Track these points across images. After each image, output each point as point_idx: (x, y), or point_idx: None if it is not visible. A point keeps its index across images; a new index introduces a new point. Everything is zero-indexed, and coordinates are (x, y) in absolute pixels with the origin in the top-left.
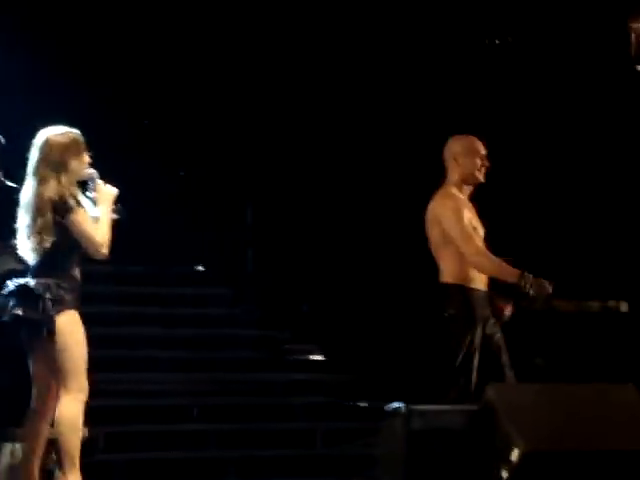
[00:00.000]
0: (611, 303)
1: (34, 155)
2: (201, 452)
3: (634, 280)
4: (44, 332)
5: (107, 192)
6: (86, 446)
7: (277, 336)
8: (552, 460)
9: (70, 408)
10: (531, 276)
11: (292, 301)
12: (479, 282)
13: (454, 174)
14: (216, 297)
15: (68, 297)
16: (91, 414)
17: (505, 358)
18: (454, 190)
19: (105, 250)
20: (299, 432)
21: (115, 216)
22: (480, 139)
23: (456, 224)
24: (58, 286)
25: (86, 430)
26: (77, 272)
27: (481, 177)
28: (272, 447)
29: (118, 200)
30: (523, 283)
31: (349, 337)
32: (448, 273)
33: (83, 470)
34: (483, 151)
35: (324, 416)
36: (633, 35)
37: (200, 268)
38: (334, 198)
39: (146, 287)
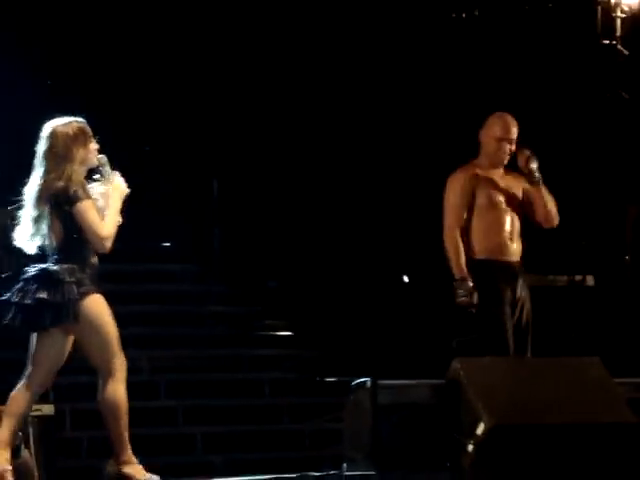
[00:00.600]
0: (578, 277)
1: (40, 146)
2: (169, 429)
3: (600, 255)
4: (70, 316)
5: (120, 188)
6: (53, 423)
7: (245, 312)
8: (518, 433)
9: (116, 390)
10: (469, 286)
11: (259, 277)
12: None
13: (480, 152)
14: (183, 273)
15: (89, 281)
16: (58, 391)
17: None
18: (469, 167)
19: (108, 244)
20: (266, 407)
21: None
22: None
23: (446, 198)
24: (79, 271)
25: (52, 407)
26: (95, 259)
27: (503, 158)
28: (240, 422)
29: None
30: (456, 287)
31: (317, 313)
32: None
33: (50, 447)
34: (507, 134)
35: (291, 391)
36: (599, 9)
37: (167, 244)
38: (301, 173)
39: (112, 264)
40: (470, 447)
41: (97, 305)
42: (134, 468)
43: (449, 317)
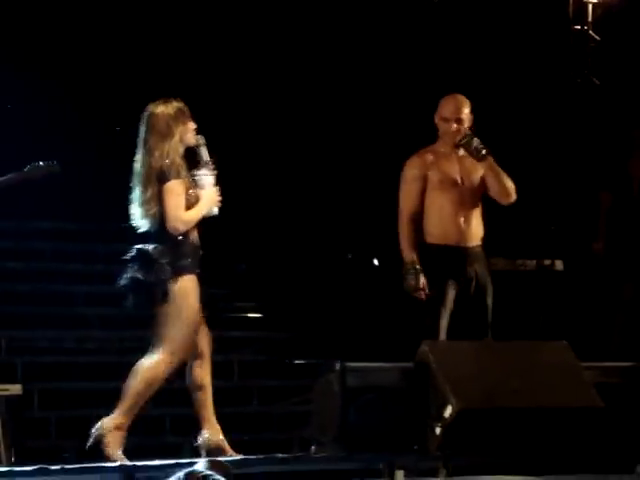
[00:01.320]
0: (547, 262)
1: (141, 127)
2: None
3: (569, 240)
4: (159, 296)
5: (212, 198)
6: (20, 402)
7: (214, 293)
8: (485, 417)
9: (155, 366)
10: (417, 269)
11: (228, 260)
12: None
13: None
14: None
15: (185, 262)
16: (26, 371)
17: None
18: (424, 152)
19: (181, 228)
20: (235, 389)
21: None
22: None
23: (401, 183)
24: (174, 251)
25: (20, 387)
26: (195, 237)
27: (454, 138)
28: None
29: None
30: (404, 272)
31: (286, 295)
32: None
33: (18, 426)
34: (456, 113)
35: (260, 373)
36: None
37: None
38: (269, 155)
39: (83, 244)
40: (437, 430)
41: (187, 288)
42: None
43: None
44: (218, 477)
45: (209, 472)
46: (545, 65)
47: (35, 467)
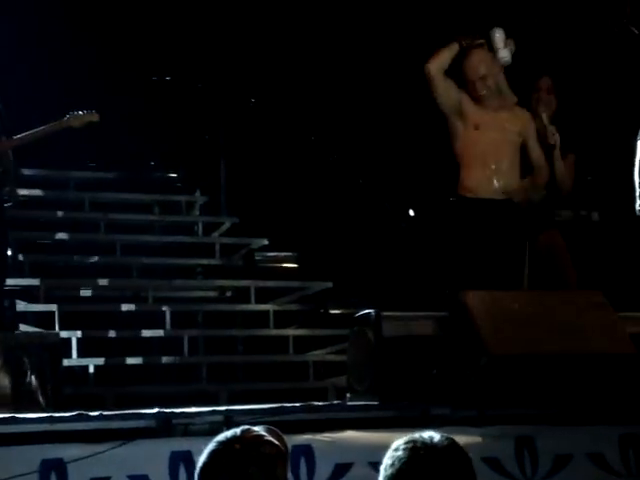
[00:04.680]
0: (583, 213)
1: None
2: (174, 358)
3: (605, 190)
4: None
5: None
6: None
7: (251, 244)
8: (521, 364)
9: None
10: None
11: (268, 209)
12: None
13: None
14: (189, 204)
15: None
16: (64, 318)
17: None
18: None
19: None
20: (271, 338)
21: None
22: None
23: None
24: None
25: (58, 334)
26: None
27: (482, 96)
28: (243, 353)
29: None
30: None
31: (322, 245)
32: None
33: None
34: (475, 74)
35: (296, 323)
36: None
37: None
38: (309, 105)
39: (116, 193)
40: (473, 378)
41: None
42: None
43: (452, 251)
44: (273, 440)
45: (265, 434)
46: (583, 13)
47: (74, 413)
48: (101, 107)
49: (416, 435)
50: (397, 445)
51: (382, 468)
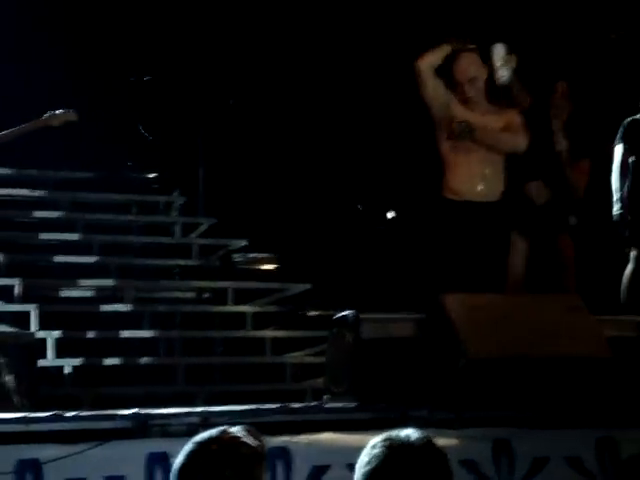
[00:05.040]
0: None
1: None
2: (150, 359)
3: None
4: None
5: None
6: (35, 350)
7: (229, 245)
8: (499, 367)
9: None
10: None
11: (246, 210)
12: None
13: None
14: (167, 205)
15: None
16: (40, 319)
17: None
18: None
19: None
20: (249, 340)
21: None
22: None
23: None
24: None
25: (34, 334)
26: None
27: (470, 99)
28: (221, 354)
29: None
30: None
31: (301, 247)
32: None
33: (32, 374)
34: (464, 75)
35: (274, 324)
36: None
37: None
38: (287, 104)
39: (96, 194)
40: (451, 380)
41: None
42: None
43: (431, 254)
44: (250, 441)
45: (242, 434)
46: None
47: (50, 414)
48: (80, 107)
49: (393, 433)
50: (374, 443)
51: (358, 466)
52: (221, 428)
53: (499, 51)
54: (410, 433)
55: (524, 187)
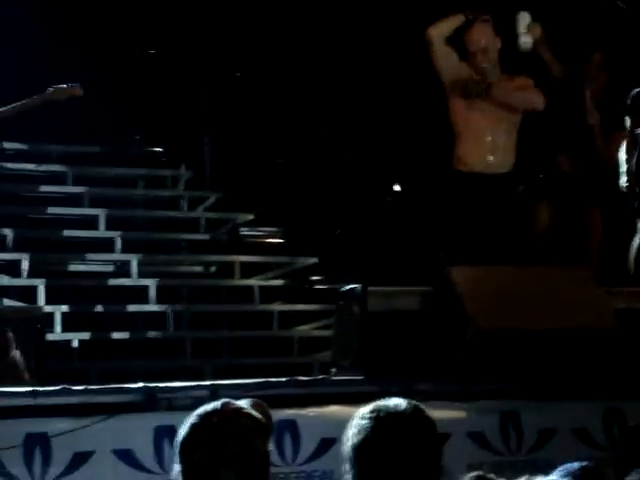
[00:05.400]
0: None
1: None
2: (159, 333)
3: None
4: None
5: None
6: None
7: (236, 218)
8: (505, 338)
9: None
10: None
11: (253, 184)
12: None
13: None
14: (174, 179)
15: None
16: (48, 293)
17: None
18: None
19: None
20: (256, 314)
21: None
22: None
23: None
24: None
25: (42, 309)
26: None
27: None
28: (228, 328)
29: None
30: None
31: (310, 220)
32: None
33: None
34: (476, 45)
35: (281, 298)
36: None
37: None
38: (293, 76)
39: (102, 168)
40: (458, 353)
41: None
42: None
43: (438, 227)
44: (253, 412)
45: (245, 407)
46: None
47: (58, 387)
48: (86, 81)
49: (381, 403)
50: (362, 413)
51: (348, 436)
52: (224, 400)
53: (523, 19)
54: (398, 402)
55: (554, 158)
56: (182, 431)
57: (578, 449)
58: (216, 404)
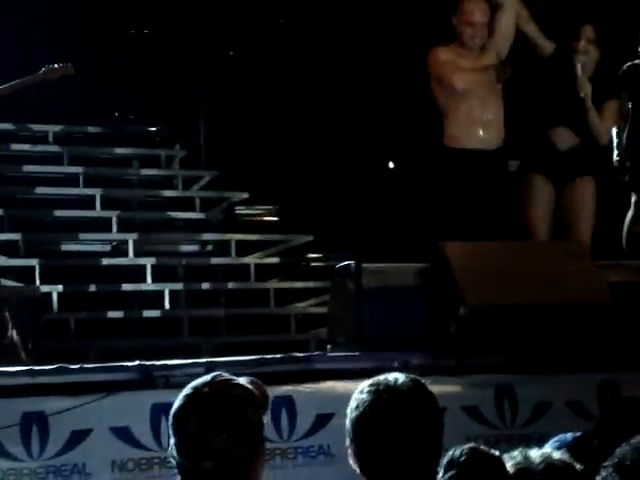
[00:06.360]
0: None
1: None
2: (155, 311)
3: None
4: None
5: None
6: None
7: (231, 197)
8: (500, 314)
9: None
10: None
11: (248, 162)
12: None
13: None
14: (168, 158)
15: None
16: (44, 273)
17: None
18: (446, 47)
19: None
20: (252, 291)
21: None
22: None
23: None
24: None
25: (39, 288)
26: None
27: (472, 43)
28: (226, 306)
29: None
30: None
31: (305, 198)
32: None
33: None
34: (472, 17)
35: (277, 275)
36: None
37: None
38: (289, 55)
39: (97, 147)
40: (453, 329)
41: None
42: None
43: (432, 203)
44: (244, 384)
45: (238, 380)
46: None
47: (55, 366)
48: (81, 61)
49: (381, 377)
50: (362, 387)
51: (348, 411)
52: (216, 373)
53: None
54: (398, 376)
55: (547, 133)
56: (175, 403)
57: (573, 422)
58: (207, 377)
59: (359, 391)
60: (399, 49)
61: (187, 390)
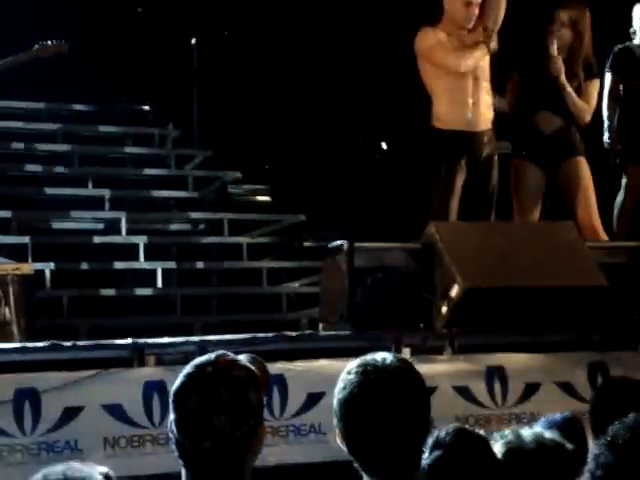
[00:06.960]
0: None
1: None
2: (148, 290)
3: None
4: None
5: None
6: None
7: (224, 176)
8: (490, 296)
9: None
10: None
11: (241, 142)
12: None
13: (442, 17)
14: (161, 137)
15: None
16: (36, 250)
17: None
18: (434, 28)
19: None
20: (245, 270)
21: None
22: None
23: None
24: None
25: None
26: None
27: (465, 22)
28: (218, 285)
29: None
30: None
31: (297, 178)
32: None
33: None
34: None
35: (269, 255)
36: None
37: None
38: (282, 36)
39: (90, 126)
40: (444, 309)
41: None
42: None
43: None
44: (247, 364)
45: (242, 360)
46: None
47: (47, 343)
48: (74, 39)
49: (368, 357)
50: (349, 368)
51: (335, 391)
52: (220, 352)
53: None
54: (385, 356)
55: (531, 118)
56: (177, 381)
57: (563, 401)
58: (211, 355)
59: (346, 372)
60: (391, 28)
61: (190, 368)
